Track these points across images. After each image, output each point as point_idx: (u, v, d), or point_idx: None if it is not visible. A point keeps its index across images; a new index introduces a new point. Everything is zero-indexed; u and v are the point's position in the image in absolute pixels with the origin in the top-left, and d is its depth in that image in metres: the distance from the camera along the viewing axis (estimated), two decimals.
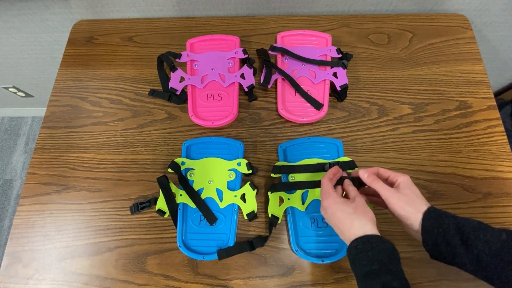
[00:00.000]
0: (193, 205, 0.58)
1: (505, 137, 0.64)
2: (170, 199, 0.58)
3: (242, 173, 0.60)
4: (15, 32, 0.89)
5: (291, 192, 0.59)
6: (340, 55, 0.70)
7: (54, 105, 0.71)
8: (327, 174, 0.51)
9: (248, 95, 0.69)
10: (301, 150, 0.63)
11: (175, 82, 0.69)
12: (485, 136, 0.64)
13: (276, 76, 0.69)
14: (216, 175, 0.60)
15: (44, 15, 0.83)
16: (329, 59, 0.71)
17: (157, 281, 0.56)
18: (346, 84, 0.67)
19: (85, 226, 0.60)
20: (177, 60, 0.72)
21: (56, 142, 0.67)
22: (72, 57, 0.76)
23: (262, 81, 0.68)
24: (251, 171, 0.59)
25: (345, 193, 0.50)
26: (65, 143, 0.67)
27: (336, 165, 0.58)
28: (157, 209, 0.58)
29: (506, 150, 0.63)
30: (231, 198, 0.59)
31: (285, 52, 0.71)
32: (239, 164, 0.60)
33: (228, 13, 0.81)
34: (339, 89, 0.67)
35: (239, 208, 0.59)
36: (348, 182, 0.50)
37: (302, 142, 0.63)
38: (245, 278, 0.55)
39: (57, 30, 0.87)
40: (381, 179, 0.49)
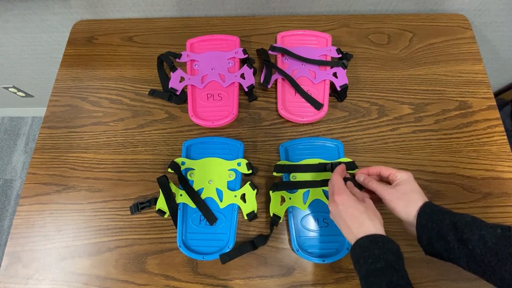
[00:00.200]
0: (193, 205, 0.58)
1: (505, 137, 0.64)
2: (170, 199, 0.58)
3: (242, 173, 0.60)
4: (15, 32, 0.89)
5: (292, 191, 0.59)
6: (340, 55, 0.70)
7: (54, 105, 0.71)
8: (336, 170, 0.51)
9: (248, 95, 0.69)
10: (302, 150, 0.63)
11: (175, 82, 0.69)
12: (485, 136, 0.64)
13: (276, 76, 0.69)
14: (216, 175, 0.60)
15: (44, 15, 0.83)
16: (329, 59, 0.71)
17: (157, 281, 0.56)
18: (346, 84, 0.67)
19: (85, 226, 0.60)
20: (177, 60, 0.72)
21: (56, 142, 0.67)
22: (72, 57, 0.76)
23: (262, 81, 0.68)
24: (251, 171, 0.59)
25: None
26: (65, 143, 0.67)
27: (336, 167, 0.58)
28: (157, 209, 0.58)
29: (506, 150, 0.63)
30: (231, 198, 0.59)
31: (285, 52, 0.71)
32: (239, 164, 0.60)
33: (228, 13, 0.81)
34: (339, 89, 0.67)
35: (239, 208, 0.59)
36: (351, 184, 0.51)
37: (304, 142, 0.63)
38: (245, 278, 0.55)
39: (57, 30, 0.87)
40: (382, 177, 0.50)
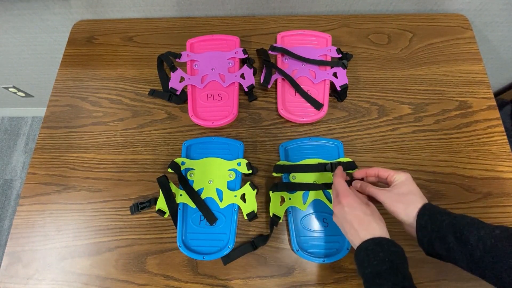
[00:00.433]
0: (193, 205, 0.58)
1: (505, 137, 0.64)
2: (170, 199, 0.58)
3: (242, 173, 0.60)
4: (15, 32, 0.89)
5: (292, 191, 0.59)
6: (340, 55, 0.70)
7: (54, 105, 0.71)
8: (338, 174, 0.52)
9: (248, 95, 0.69)
10: (302, 150, 0.63)
11: (175, 82, 0.69)
12: (485, 136, 0.64)
13: (276, 76, 0.69)
14: (216, 175, 0.60)
15: (44, 15, 0.83)
16: (329, 59, 0.71)
17: (157, 281, 0.56)
18: (346, 84, 0.67)
19: (85, 226, 0.60)
20: (177, 60, 0.72)
21: (56, 142, 0.67)
22: (72, 57, 0.76)
23: (262, 81, 0.68)
24: (251, 171, 0.59)
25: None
26: (65, 143, 0.67)
27: (335, 167, 0.58)
28: (157, 209, 0.58)
29: (506, 150, 0.63)
30: (231, 198, 0.59)
31: (285, 52, 0.71)
32: (239, 164, 0.60)
33: (228, 13, 0.81)
34: (339, 89, 0.67)
35: (239, 208, 0.58)
36: (355, 187, 0.51)
37: (303, 142, 0.63)
38: (245, 278, 0.55)
39: (57, 30, 0.87)
40: (381, 178, 0.50)
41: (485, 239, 0.38)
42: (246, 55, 0.71)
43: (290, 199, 0.58)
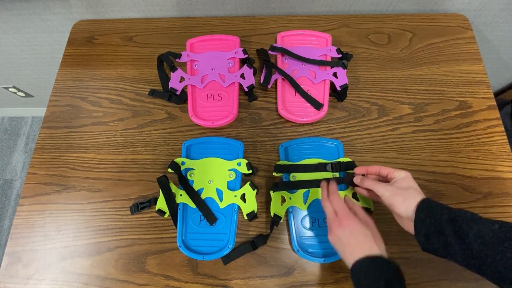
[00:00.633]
0: (193, 205, 0.58)
1: (505, 137, 0.64)
2: (170, 199, 0.58)
3: (242, 173, 0.60)
4: (15, 32, 0.89)
5: (292, 191, 0.59)
6: (340, 55, 0.70)
7: (54, 105, 0.71)
8: (333, 192, 0.52)
9: (248, 95, 0.69)
10: (302, 150, 0.63)
11: (175, 82, 0.69)
12: (485, 136, 0.64)
13: (276, 76, 0.69)
14: (216, 175, 0.60)
15: (44, 15, 0.83)
16: (329, 59, 0.71)
17: (157, 281, 0.56)
18: (346, 84, 0.67)
19: (85, 226, 0.60)
20: (177, 60, 0.72)
21: (56, 142, 0.67)
22: (72, 57, 0.76)
23: (262, 81, 0.68)
24: (251, 171, 0.59)
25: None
26: (65, 143, 0.67)
27: (336, 167, 0.59)
28: (157, 209, 0.58)
29: (506, 150, 0.63)
30: (231, 198, 0.59)
31: (285, 52, 0.71)
32: (239, 164, 0.60)
33: (228, 13, 0.81)
34: (339, 89, 0.67)
35: (239, 208, 0.58)
36: (358, 207, 0.50)
37: (303, 142, 0.63)
38: (245, 278, 0.55)
39: (57, 30, 0.87)
40: (381, 176, 0.51)
41: (483, 234, 0.38)
42: (246, 55, 0.71)
43: (290, 199, 0.58)
